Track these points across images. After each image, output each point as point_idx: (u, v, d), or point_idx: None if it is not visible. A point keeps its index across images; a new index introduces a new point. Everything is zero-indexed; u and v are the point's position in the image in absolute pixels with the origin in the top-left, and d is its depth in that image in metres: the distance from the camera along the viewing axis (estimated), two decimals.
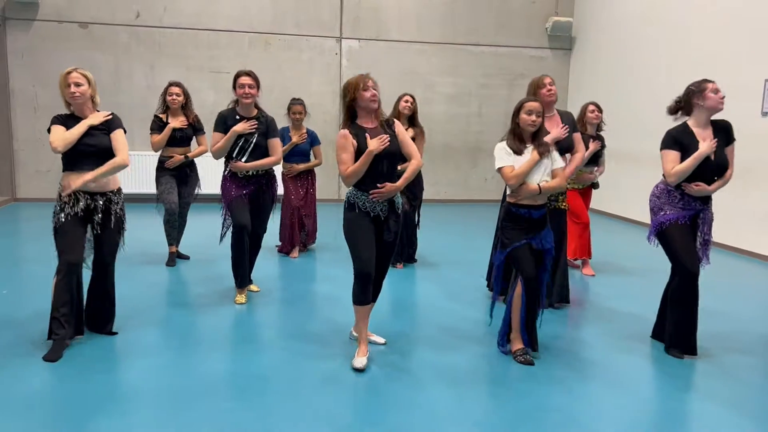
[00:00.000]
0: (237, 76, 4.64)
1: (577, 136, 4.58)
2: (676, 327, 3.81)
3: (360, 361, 3.52)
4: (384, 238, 3.55)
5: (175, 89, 5.60)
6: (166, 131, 5.53)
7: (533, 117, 3.53)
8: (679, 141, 3.69)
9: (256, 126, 4.58)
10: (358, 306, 3.56)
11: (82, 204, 3.68)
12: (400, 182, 3.50)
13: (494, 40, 10.32)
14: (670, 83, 7.87)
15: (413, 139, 5.40)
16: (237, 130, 4.51)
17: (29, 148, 9.10)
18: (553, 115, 4.46)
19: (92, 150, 3.68)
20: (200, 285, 5.18)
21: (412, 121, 5.69)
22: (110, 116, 3.80)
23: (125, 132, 3.83)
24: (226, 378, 3.38)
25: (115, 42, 9.14)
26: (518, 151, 3.56)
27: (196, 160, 5.85)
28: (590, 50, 10.10)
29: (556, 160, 3.67)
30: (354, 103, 3.49)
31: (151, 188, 6.50)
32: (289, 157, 6.13)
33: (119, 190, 3.87)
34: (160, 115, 5.62)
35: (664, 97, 3.72)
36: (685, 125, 3.76)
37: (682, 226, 3.73)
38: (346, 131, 3.47)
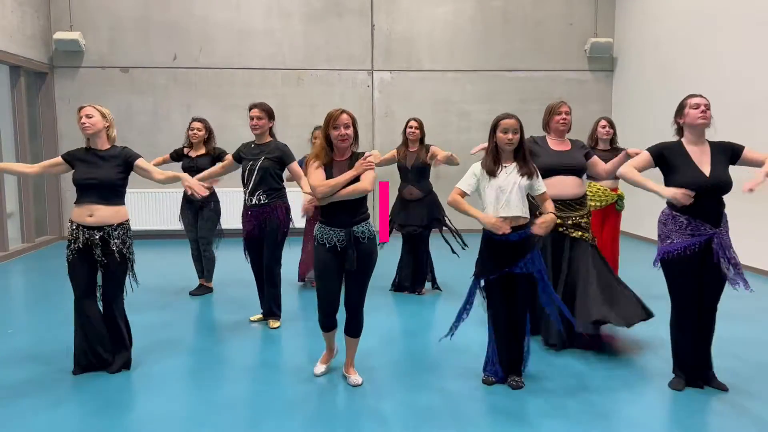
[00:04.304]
0: (249, 109, 4.84)
1: (596, 158, 4.41)
2: (676, 351, 3.64)
3: (319, 368, 3.84)
4: (346, 268, 3.44)
5: (197, 124, 5.80)
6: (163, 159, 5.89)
7: (509, 135, 3.38)
8: (661, 153, 3.48)
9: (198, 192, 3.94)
10: (323, 332, 3.74)
11: (81, 239, 3.70)
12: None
13: (531, 65, 10.06)
14: (720, 101, 7.30)
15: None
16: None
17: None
18: (564, 141, 4.26)
19: (95, 183, 3.73)
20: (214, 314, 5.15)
21: (422, 142, 5.72)
22: (125, 148, 3.91)
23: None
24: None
25: (154, 84, 9.48)
26: (491, 172, 3.37)
27: (220, 196, 6.01)
28: (633, 70, 9.66)
29: (538, 186, 3.50)
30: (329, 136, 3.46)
31: None
32: None
33: (121, 224, 3.82)
34: (185, 149, 5.85)
35: (714, 115, 3.44)
36: (679, 143, 3.50)
37: (689, 257, 3.39)
38: (314, 160, 3.50)
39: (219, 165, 5.21)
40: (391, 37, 9.83)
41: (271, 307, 4.93)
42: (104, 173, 3.74)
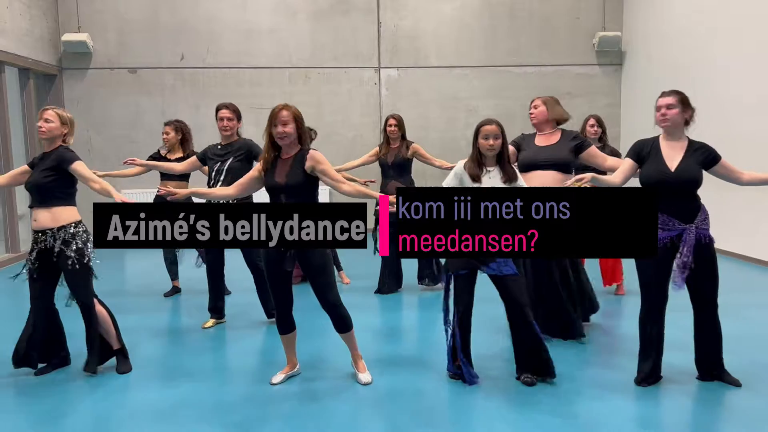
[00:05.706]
0: (217, 109, 4.79)
1: (593, 149, 4.38)
2: (642, 346, 3.61)
3: (277, 377, 3.69)
4: (284, 268, 3.46)
5: (166, 128, 5.78)
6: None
7: (490, 141, 3.43)
8: (638, 150, 3.55)
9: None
10: (280, 335, 3.69)
11: (37, 243, 3.68)
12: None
13: (538, 60, 10.00)
14: (729, 94, 7.41)
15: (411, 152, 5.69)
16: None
17: (83, 189, 9.50)
18: (551, 133, 4.30)
19: (29, 186, 3.70)
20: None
21: (404, 138, 5.79)
22: (67, 150, 3.69)
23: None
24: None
25: (162, 84, 9.52)
26: (475, 177, 3.40)
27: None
28: (642, 64, 9.58)
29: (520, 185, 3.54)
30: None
31: None
32: None
33: (63, 228, 3.65)
34: (162, 151, 5.79)
35: (725, 108, 3.41)
36: (656, 138, 3.56)
37: (660, 249, 3.30)
38: (260, 165, 3.49)
39: (180, 164, 5.18)
40: (397, 34, 9.81)
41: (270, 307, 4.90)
42: (34, 177, 3.65)
